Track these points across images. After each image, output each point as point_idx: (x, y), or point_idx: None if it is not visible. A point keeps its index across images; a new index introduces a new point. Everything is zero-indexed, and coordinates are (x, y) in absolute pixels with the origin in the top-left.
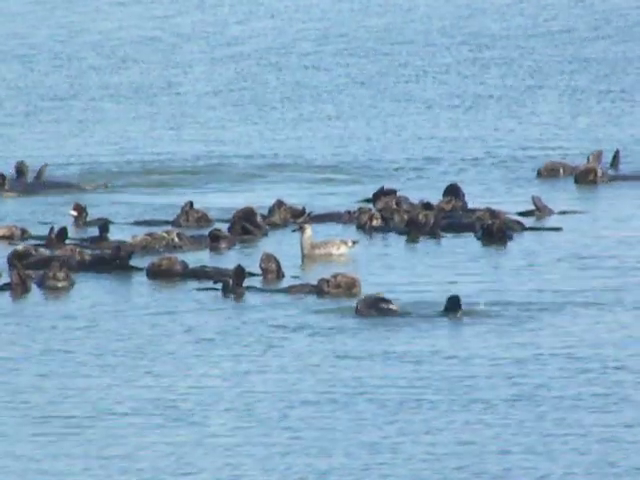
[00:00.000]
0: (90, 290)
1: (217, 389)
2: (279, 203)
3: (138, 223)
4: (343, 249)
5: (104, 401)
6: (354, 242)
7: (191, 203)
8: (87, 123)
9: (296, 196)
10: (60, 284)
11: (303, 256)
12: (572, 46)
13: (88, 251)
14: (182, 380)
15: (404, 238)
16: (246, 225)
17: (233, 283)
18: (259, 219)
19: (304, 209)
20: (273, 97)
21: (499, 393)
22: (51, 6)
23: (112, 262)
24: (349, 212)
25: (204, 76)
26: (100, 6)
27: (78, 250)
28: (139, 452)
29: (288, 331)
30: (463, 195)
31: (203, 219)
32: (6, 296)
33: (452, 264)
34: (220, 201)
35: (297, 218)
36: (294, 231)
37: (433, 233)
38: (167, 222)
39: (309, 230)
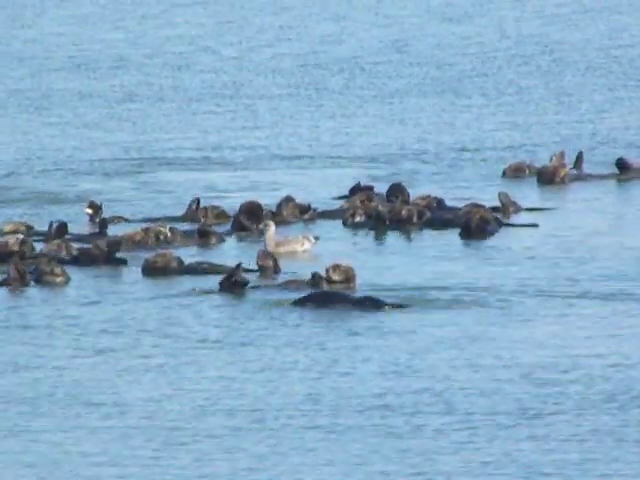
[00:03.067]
0: (85, 285)
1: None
2: (287, 199)
3: (149, 220)
4: (307, 245)
5: (150, 403)
6: (316, 238)
7: (198, 200)
8: (159, 123)
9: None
10: (58, 279)
11: None
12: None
13: (75, 246)
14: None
15: (396, 234)
16: (243, 221)
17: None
18: (264, 213)
19: (309, 205)
20: (338, 100)
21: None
22: (108, 11)
23: (97, 257)
24: None
25: (270, 80)
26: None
27: (65, 245)
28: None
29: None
30: (408, 195)
31: (222, 215)
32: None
33: (423, 258)
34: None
35: (304, 214)
36: (261, 229)
37: (407, 228)
38: (175, 218)
39: (272, 227)
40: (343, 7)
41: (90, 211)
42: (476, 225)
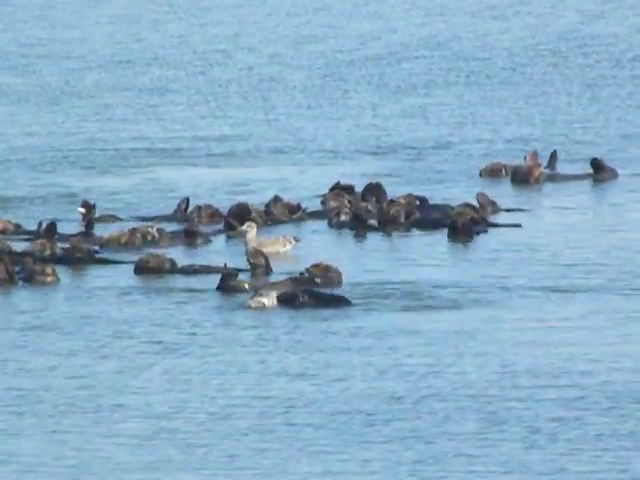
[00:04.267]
0: (75, 285)
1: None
2: (276, 199)
3: (141, 219)
4: (288, 246)
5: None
6: (296, 240)
7: (187, 200)
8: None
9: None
10: (49, 279)
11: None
12: None
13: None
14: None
15: (380, 234)
16: (232, 222)
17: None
18: (253, 215)
19: (299, 205)
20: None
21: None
22: (147, 12)
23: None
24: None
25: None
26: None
27: (49, 245)
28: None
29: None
30: (385, 194)
31: (215, 215)
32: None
33: (409, 258)
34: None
35: (293, 214)
36: (243, 230)
37: (393, 228)
38: (167, 218)
39: (254, 230)
40: (379, 6)
41: (83, 210)
42: (462, 225)
